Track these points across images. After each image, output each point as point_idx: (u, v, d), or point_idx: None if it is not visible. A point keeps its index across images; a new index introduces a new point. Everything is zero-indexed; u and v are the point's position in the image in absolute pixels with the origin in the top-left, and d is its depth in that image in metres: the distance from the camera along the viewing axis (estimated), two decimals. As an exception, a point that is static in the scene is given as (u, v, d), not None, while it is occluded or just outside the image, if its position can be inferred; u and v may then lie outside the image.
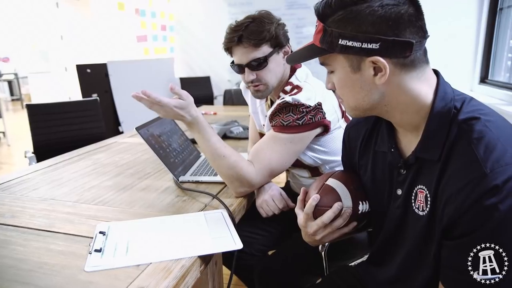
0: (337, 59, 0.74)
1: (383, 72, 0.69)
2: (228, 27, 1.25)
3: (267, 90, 1.28)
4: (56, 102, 2.46)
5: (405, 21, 0.66)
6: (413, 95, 0.71)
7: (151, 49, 5.45)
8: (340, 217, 0.86)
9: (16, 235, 0.92)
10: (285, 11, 4.98)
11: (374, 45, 0.67)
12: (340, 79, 0.76)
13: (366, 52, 0.68)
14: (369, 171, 0.90)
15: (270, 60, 1.23)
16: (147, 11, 5.35)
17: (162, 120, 1.49)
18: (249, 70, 1.25)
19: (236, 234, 0.93)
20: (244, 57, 1.23)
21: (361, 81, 0.72)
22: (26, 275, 0.75)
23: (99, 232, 0.91)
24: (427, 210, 0.73)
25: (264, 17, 1.23)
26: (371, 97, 0.73)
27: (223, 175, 1.17)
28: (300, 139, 1.19)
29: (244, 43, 1.21)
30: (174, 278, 0.74)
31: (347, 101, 0.79)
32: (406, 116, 0.74)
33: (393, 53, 0.68)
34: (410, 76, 0.70)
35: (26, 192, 1.23)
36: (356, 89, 0.74)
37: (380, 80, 0.70)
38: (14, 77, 9.27)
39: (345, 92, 0.77)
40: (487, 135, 0.64)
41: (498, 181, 0.60)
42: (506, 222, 0.60)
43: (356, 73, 0.72)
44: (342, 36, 0.69)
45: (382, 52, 0.67)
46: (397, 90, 0.71)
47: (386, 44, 0.67)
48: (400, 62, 0.69)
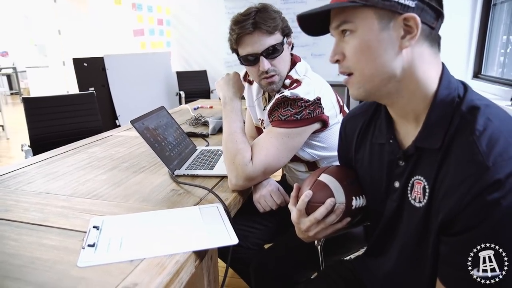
0: (365, 14, 0.68)
1: (414, 33, 0.65)
2: (234, 19, 1.21)
3: (280, 81, 1.25)
4: (52, 96, 2.43)
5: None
6: (424, 76, 0.69)
7: (147, 43, 5.42)
8: (333, 213, 0.85)
9: (9, 229, 0.91)
10: (280, 5, 4.94)
11: (411, 2, 0.65)
12: (364, 39, 0.69)
13: (402, 8, 0.65)
14: (366, 164, 0.89)
15: (283, 48, 1.22)
16: (144, 5, 5.31)
17: (158, 113, 1.47)
18: (266, 58, 1.20)
19: (232, 229, 0.92)
20: (259, 45, 1.18)
21: (387, 42, 0.67)
22: (18, 270, 0.74)
23: (92, 227, 0.90)
24: (424, 202, 0.72)
25: (268, 6, 1.22)
26: (392, 64, 0.68)
27: (226, 159, 1.19)
28: (298, 134, 1.18)
29: (258, 30, 1.17)
30: (168, 274, 0.73)
31: (363, 68, 0.71)
32: (413, 102, 0.71)
33: (425, 17, 0.67)
34: (429, 53, 0.69)
35: (21, 185, 1.21)
36: (380, 51, 0.68)
37: (409, 42, 0.66)
38: (13, 71, 9.25)
39: (364, 56, 0.70)
40: (490, 127, 0.63)
41: (501, 175, 0.58)
42: (508, 219, 0.58)
43: (383, 31, 0.67)
44: None
45: (418, 12, 0.66)
46: (414, 64, 0.68)
47: (422, 5, 0.66)
48: (426, 31, 0.68)
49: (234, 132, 1.20)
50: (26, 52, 8.28)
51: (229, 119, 1.24)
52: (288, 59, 1.27)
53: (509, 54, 3.38)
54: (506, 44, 3.42)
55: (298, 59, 1.32)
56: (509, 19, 3.33)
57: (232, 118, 1.24)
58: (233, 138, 1.19)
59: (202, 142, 1.77)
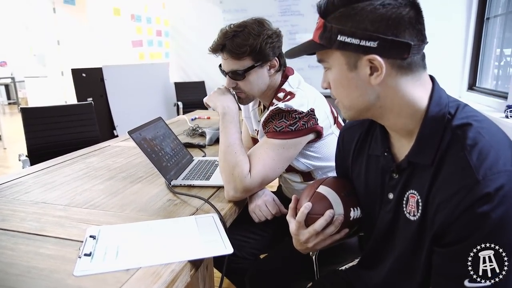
0: (334, 56, 0.73)
1: (379, 72, 0.68)
2: (220, 30, 1.25)
3: (247, 98, 1.32)
4: (50, 106, 2.44)
5: (405, 22, 0.66)
6: (408, 98, 0.71)
7: (146, 54, 5.45)
8: (332, 224, 0.86)
9: (5, 238, 0.91)
10: (278, 17, 5.02)
11: (372, 43, 0.67)
12: (336, 77, 0.75)
13: (364, 50, 0.68)
14: (362, 175, 0.90)
15: (249, 73, 1.24)
16: (143, 16, 5.36)
17: (155, 124, 1.49)
18: (230, 78, 1.28)
19: (227, 238, 0.93)
20: (226, 66, 1.27)
21: (357, 80, 0.71)
22: (14, 279, 0.74)
23: (89, 236, 0.91)
24: (418, 215, 0.73)
25: (253, 29, 1.21)
26: (366, 97, 0.73)
27: (225, 170, 1.19)
28: (292, 145, 1.19)
29: (225, 54, 1.24)
30: (163, 283, 0.74)
31: (342, 101, 0.77)
32: (400, 120, 0.74)
33: (390, 53, 0.67)
34: (406, 79, 0.70)
35: (18, 195, 1.22)
36: (352, 88, 0.73)
37: (375, 80, 0.69)
38: (11, 81, 9.28)
39: (340, 91, 0.76)
40: (481, 142, 0.64)
41: (490, 188, 0.60)
42: (497, 230, 0.60)
43: (352, 71, 0.71)
44: (341, 32, 0.68)
45: (380, 51, 0.67)
46: (392, 92, 0.71)
47: (384, 44, 0.66)
48: (397, 64, 0.68)
49: (233, 144, 1.21)
50: (25, 62, 8.30)
51: (228, 130, 1.24)
52: (261, 81, 1.27)
53: (503, 66, 3.43)
54: (499, 57, 3.47)
55: (291, 72, 1.34)
56: (502, 32, 3.39)
57: (231, 129, 1.24)
58: (232, 150, 1.20)
59: (199, 153, 1.78)
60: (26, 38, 8.03)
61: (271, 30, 1.25)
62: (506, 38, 3.34)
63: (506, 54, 3.37)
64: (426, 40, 0.70)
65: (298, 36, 5.00)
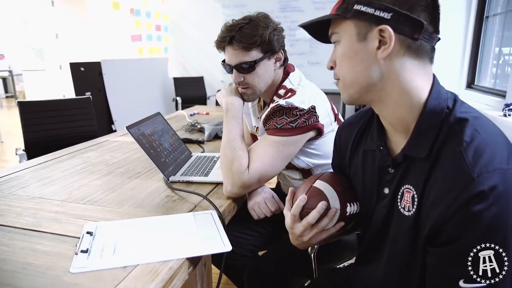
0: (346, 26, 0.72)
1: (387, 45, 0.67)
2: (224, 25, 1.24)
3: (254, 94, 1.29)
4: (48, 100, 2.43)
5: (423, 3, 0.67)
6: (409, 86, 0.70)
7: (145, 48, 5.43)
8: (326, 216, 0.85)
9: (1, 234, 0.90)
10: (278, 13, 5.01)
11: (386, 14, 0.67)
12: (344, 48, 0.74)
13: (377, 20, 0.67)
14: (359, 171, 0.90)
15: (259, 65, 1.23)
16: (142, 11, 5.33)
17: (154, 119, 1.48)
18: (237, 72, 1.25)
19: (225, 235, 0.92)
20: (234, 59, 1.23)
21: (363, 52, 0.71)
22: (9, 276, 0.73)
23: (86, 232, 0.90)
24: (413, 211, 0.73)
25: (260, 20, 1.22)
26: (370, 73, 0.71)
27: (224, 165, 1.19)
28: (293, 142, 1.18)
29: (234, 45, 1.21)
30: (161, 281, 0.73)
31: (344, 76, 0.76)
32: (399, 110, 0.73)
33: (403, 28, 0.67)
34: (412, 63, 0.69)
35: (14, 190, 1.21)
36: (357, 60, 0.72)
37: (382, 54, 0.68)
38: (9, 74, 9.25)
39: (344, 64, 0.75)
40: (477, 139, 0.64)
41: (485, 186, 0.59)
42: (491, 229, 0.59)
43: (361, 42, 0.70)
44: (358, 1, 0.69)
45: (393, 24, 0.67)
46: (395, 75, 0.70)
47: (398, 17, 0.66)
48: (406, 43, 0.68)
49: (233, 139, 1.21)
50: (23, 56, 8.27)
51: (230, 126, 1.25)
52: (268, 74, 1.27)
53: (501, 65, 3.43)
54: (498, 56, 3.47)
55: (292, 69, 1.33)
56: (501, 31, 3.38)
57: (233, 124, 1.25)
58: (231, 145, 1.20)
59: (198, 149, 1.77)
60: (24, 32, 7.98)
61: (276, 23, 1.26)
62: (505, 37, 3.33)
63: (504, 53, 3.37)
64: (439, 32, 0.70)
65: (298, 32, 4.99)
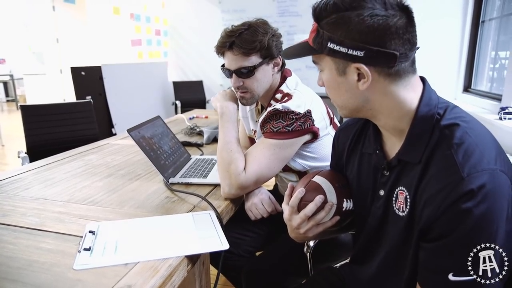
0: (325, 60, 0.76)
1: (366, 79, 0.71)
2: (224, 30, 1.27)
3: (252, 98, 1.32)
4: (50, 104, 2.46)
5: (392, 33, 0.68)
6: (397, 101, 0.74)
7: (145, 53, 5.46)
8: (323, 210, 0.88)
9: (6, 233, 0.93)
10: (277, 18, 5.05)
11: (359, 52, 0.70)
12: (327, 79, 0.79)
13: (351, 58, 0.71)
14: (355, 172, 0.93)
15: (258, 70, 1.26)
16: (142, 16, 5.37)
17: (154, 122, 1.51)
18: (236, 76, 1.28)
19: (223, 234, 0.95)
20: (233, 63, 1.26)
21: (346, 84, 0.75)
22: (15, 272, 0.76)
23: (88, 232, 0.93)
24: (406, 211, 0.76)
25: (259, 26, 1.25)
26: (355, 100, 0.76)
27: (221, 167, 1.22)
28: (289, 145, 1.21)
29: (234, 50, 1.24)
30: (161, 277, 0.76)
31: (334, 100, 0.82)
32: (391, 121, 0.77)
33: (377, 62, 0.70)
34: (396, 84, 0.73)
35: (18, 191, 1.24)
36: (341, 91, 0.77)
37: (363, 86, 0.73)
38: (10, 78, 9.26)
39: (331, 92, 0.80)
40: (467, 141, 0.67)
41: (474, 185, 0.63)
42: (479, 226, 0.63)
43: (341, 76, 0.75)
44: (331, 39, 0.72)
45: (366, 60, 0.70)
46: (381, 96, 0.74)
47: (371, 53, 0.69)
48: (384, 72, 0.71)
49: (229, 142, 1.24)
50: (23, 60, 8.29)
51: (225, 129, 1.27)
52: (266, 79, 1.30)
53: (497, 69, 3.47)
54: (494, 60, 3.51)
55: (289, 73, 1.37)
56: (497, 35, 3.42)
57: (228, 128, 1.27)
58: (228, 148, 1.23)
59: (197, 151, 1.81)
60: (25, 36, 8.01)
61: (274, 29, 1.29)
62: (501, 41, 3.37)
63: (501, 57, 3.40)
64: (415, 47, 0.72)
65: (296, 37, 5.03)
